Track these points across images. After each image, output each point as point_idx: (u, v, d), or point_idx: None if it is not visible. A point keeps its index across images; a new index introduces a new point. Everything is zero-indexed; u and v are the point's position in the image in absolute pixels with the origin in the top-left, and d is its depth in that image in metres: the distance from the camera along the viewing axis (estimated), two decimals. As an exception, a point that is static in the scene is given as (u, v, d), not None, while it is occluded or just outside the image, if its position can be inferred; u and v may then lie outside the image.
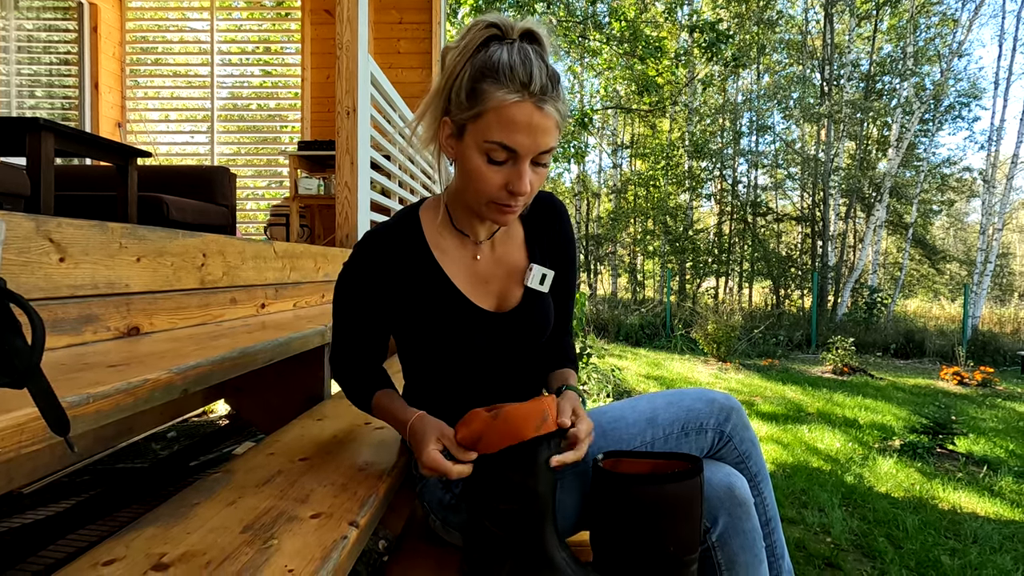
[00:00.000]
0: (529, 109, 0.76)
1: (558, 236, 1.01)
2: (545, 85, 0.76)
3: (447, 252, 0.94)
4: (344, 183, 2.57)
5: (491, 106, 0.77)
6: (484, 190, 0.82)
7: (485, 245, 0.96)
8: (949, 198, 15.49)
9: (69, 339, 0.96)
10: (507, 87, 0.76)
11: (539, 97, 0.76)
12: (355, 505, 0.82)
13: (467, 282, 0.93)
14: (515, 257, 0.97)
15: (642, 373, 6.45)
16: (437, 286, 0.91)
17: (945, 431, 3.61)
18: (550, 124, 0.78)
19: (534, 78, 0.75)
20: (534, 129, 0.77)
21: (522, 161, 0.79)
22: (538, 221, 1.00)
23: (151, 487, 2.12)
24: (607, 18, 10.78)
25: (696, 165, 14.48)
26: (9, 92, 4.40)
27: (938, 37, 13.00)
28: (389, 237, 0.92)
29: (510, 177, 0.80)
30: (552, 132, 0.79)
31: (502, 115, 0.76)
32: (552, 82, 0.78)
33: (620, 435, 0.90)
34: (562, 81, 0.81)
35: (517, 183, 0.80)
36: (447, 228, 0.95)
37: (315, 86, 5.15)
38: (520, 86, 0.75)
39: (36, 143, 1.83)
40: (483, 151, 0.79)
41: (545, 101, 0.77)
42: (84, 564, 0.64)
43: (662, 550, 0.78)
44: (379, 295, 0.91)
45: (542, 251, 0.99)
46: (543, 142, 0.79)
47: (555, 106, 0.78)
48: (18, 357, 0.43)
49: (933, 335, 9.39)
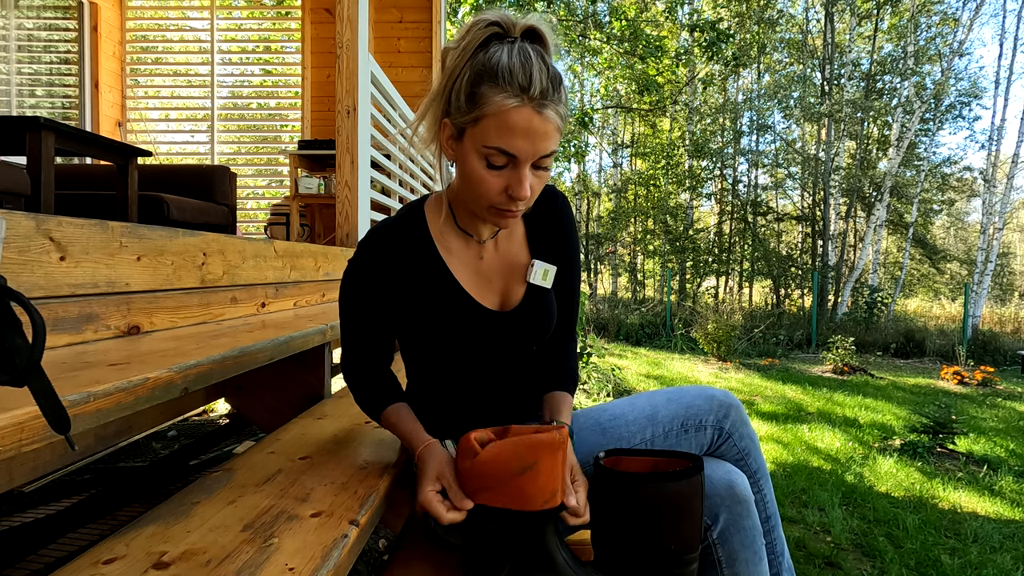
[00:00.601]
0: (528, 114, 0.74)
1: (559, 231, 1.00)
2: (546, 88, 0.74)
3: (453, 251, 0.93)
4: (344, 182, 2.57)
5: (490, 111, 0.75)
6: (484, 194, 0.81)
7: (488, 244, 0.95)
8: (950, 197, 15.49)
9: (69, 338, 0.96)
10: (506, 91, 0.74)
11: (539, 101, 0.74)
12: (356, 504, 0.82)
13: (471, 281, 0.93)
14: (517, 254, 0.97)
15: (642, 372, 6.45)
16: (442, 285, 0.91)
17: (945, 431, 3.61)
18: (550, 128, 0.76)
19: (534, 82, 0.73)
20: (533, 134, 0.75)
21: (522, 166, 0.78)
22: (539, 216, 0.99)
23: (151, 486, 2.13)
24: (607, 17, 10.78)
25: (696, 164, 14.48)
26: (9, 91, 4.40)
27: (939, 36, 12.99)
28: (395, 233, 0.91)
29: (510, 181, 0.79)
30: (552, 136, 0.78)
31: (501, 120, 0.75)
32: (553, 85, 0.76)
33: (620, 433, 0.90)
34: (564, 81, 0.80)
35: (517, 188, 0.78)
36: (451, 227, 0.94)
37: (315, 85, 5.15)
38: (520, 90, 0.73)
39: (36, 142, 1.83)
40: (482, 156, 0.78)
41: (545, 105, 0.75)
42: (85, 562, 0.65)
43: (663, 548, 0.78)
44: (385, 291, 0.90)
45: (544, 246, 0.98)
46: (543, 147, 0.77)
47: (555, 109, 0.76)
48: (19, 355, 0.43)
49: (933, 335, 9.39)
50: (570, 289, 1.01)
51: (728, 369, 6.82)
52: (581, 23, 10.81)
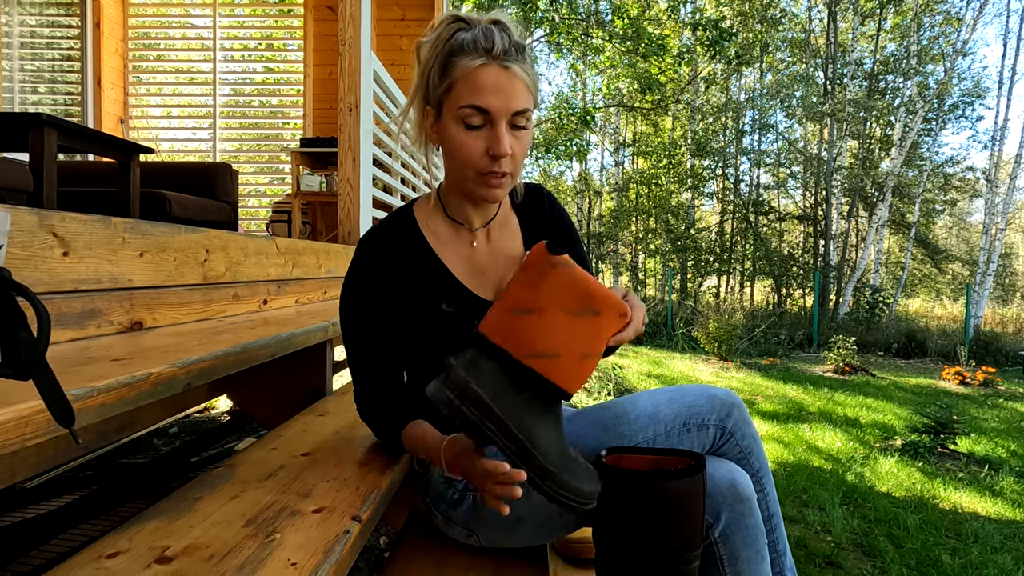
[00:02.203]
0: (495, 70, 0.80)
1: (551, 221, 1.03)
2: (508, 49, 0.80)
3: (443, 241, 0.95)
4: (346, 180, 2.57)
5: (459, 74, 0.81)
6: (467, 160, 0.84)
7: (480, 234, 0.97)
8: (952, 198, 15.43)
9: (72, 333, 0.96)
10: (471, 55, 0.80)
11: (503, 59, 0.80)
12: (358, 500, 0.82)
13: (465, 271, 0.95)
14: (513, 248, 0.99)
15: (643, 371, 6.45)
16: (435, 276, 0.93)
17: (946, 431, 3.61)
18: (518, 85, 0.82)
19: (496, 43, 0.80)
20: (502, 89, 0.80)
21: (497, 123, 0.82)
22: (531, 210, 1.03)
23: (153, 482, 2.13)
24: (610, 15, 10.76)
25: (698, 164, 14.45)
26: (12, 88, 4.40)
27: (942, 36, 12.94)
28: (387, 233, 0.94)
29: (489, 141, 0.83)
30: (522, 92, 0.82)
31: (470, 80, 0.80)
32: (516, 49, 0.81)
33: (622, 431, 0.90)
34: (531, 53, 0.85)
35: (496, 145, 0.82)
36: (441, 217, 0.97)
37: (317, 83, 5.15)
38: (484, 51, 0.80)
39: (39, 139, 1.83)
40: (459, 120, 0.83)
41: (510, 61, 0.80)
42: (88, 557, 0.65)
43: (665, 546, 0.78)
44: (385, 293, 0.91)
45: (539, 239, 0.99)
46: (514, 103, 0.81)
47: (521, 67, 0.82)
48: (24, 349, 0.43)
49: (935, 335, 9.37)
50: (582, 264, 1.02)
51: (729, 368, 6.82)
52: (584, 21, 10.79)
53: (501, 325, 0.71)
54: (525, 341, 0.69)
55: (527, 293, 0.70)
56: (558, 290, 0.70)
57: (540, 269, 0.70)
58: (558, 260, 0.70)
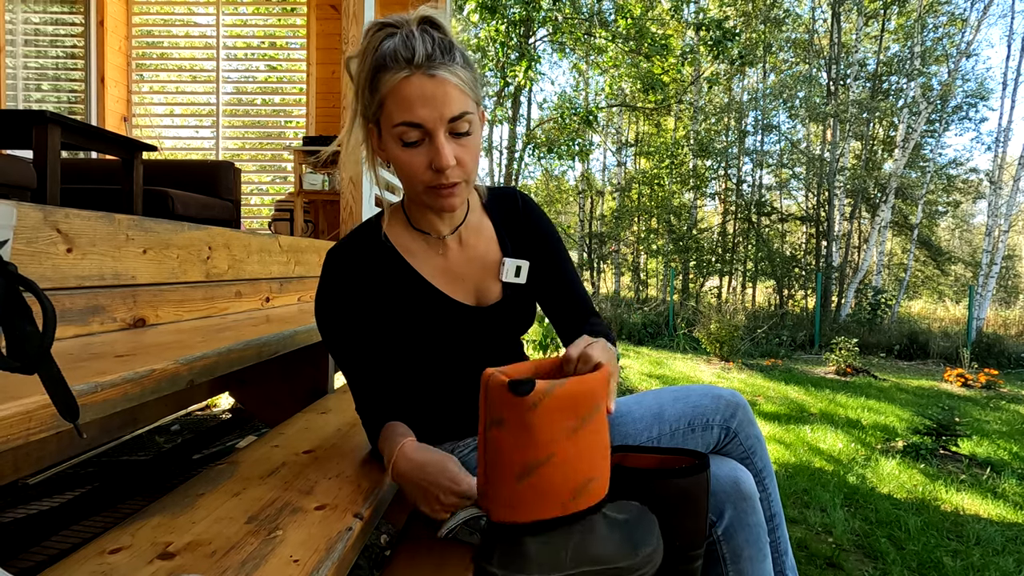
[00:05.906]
0: (419, 80, 0.76)
1: (527, 224, 0.99)
2: (431, 53, 0.76)
3: (414, 253, 0.93)
4: (348, 179, 2.57)
5: (387, 91, 0.78)
6: (414, 177, 0.81)
7: (451, 241, 0.94)
8: (955, 199, 15.40)
9: (76, 329, 0.96)
10: (394, 68, 0.76)
11: (427, 66, 0.76)
12: (359, 497, 0.82)
13: (440, 279, 0.93)
14: (487, 252, 0.96)
15: (645, 372, 6.44)
16: (412, 286, 0.91)
17: (948, 433, 3.60)
18: (448, 89, 0.77)
19: (416, 51, 0.75)
20: (431, 99, 0.76)
21: (435, 135, 0.78)
22: (503, 214, 0.99)
23: (155, 479, 2.13)
24: (613, 15, 10.75)
25: (701, 164, 14.43)
26: (16, 85, 4.41)
27: (946, 37, 12.90)
28: (353, 247, 0.91)
29: (430, 155, 0.79)
30: (454, 97, 0.77)
31: (397, 95, 0.77)
32: (441, 50, 0.77)
33: (627, 430, 0.90)
34: (461, 49, 0.80)
35: (437, 158, 0.78)
36: (407, 230, 0.94)
37: (320, 81, 5.15)
38: (405, 62, 0.76)
39: (43, 136, 1.83)
40: (397, 138, 0.80)
41: (434, 67, 0.76)
42: (91, 552, 0.65)
43: (668, 544, 0.77)
44: (358, 305, 0.89)
45: (515, 243, 0.98)
46: (448, 110, 0.77)
47: (449, 70, 0.77)
48: (29, 343, 0.43)
49: (937, 337, 9.35)
50: (562, 277, 1.00)
51: (731, 369, 6.81)
52: (587, 21, 10.78)
53: (520, 497, 0.65)
54: (556, 493, 0.65)
55: (524, 451, 0.64)
56: (551, 425, 0.63)
57: (521, 420, 0.63)
58: (532, 398, 0.62)
